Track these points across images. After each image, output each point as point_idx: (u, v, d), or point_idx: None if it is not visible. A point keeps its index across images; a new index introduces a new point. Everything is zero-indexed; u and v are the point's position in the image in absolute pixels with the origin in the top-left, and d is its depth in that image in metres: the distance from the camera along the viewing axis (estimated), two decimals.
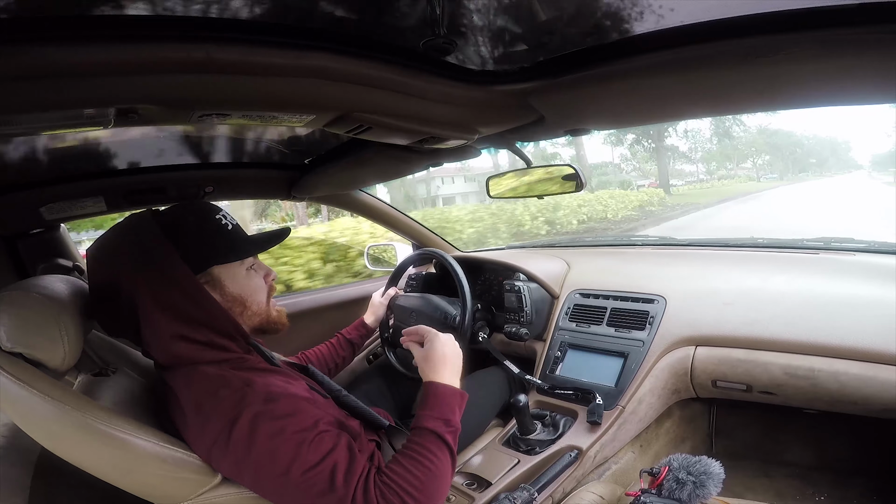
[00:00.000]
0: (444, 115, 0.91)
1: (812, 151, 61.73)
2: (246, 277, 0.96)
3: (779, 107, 0.92)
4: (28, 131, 0.77)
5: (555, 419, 1.37)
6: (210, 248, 0.91)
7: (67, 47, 0.52)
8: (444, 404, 0.93)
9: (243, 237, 0.97)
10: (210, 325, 0.88)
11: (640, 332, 1.40)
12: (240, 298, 0.94)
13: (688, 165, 46.74)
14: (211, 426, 0.77)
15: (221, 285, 0.92)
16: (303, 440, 0.79)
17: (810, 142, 62.22)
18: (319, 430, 0.81)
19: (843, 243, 1.53)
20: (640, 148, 28.87)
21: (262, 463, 0.76)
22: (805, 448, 1.56)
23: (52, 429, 0.70)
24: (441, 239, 2.18)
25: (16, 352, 0.71)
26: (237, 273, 0.94)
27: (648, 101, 0.90)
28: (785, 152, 53.95)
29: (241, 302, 0.95)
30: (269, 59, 0.64)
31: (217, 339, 0.88)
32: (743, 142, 46.04)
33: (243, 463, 0.77)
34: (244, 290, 0.95)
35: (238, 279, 0.94)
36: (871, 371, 1.08)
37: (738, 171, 54.85)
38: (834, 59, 0.64)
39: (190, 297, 0.85)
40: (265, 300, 1.00)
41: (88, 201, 1.28)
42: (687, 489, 0.92)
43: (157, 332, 0.84)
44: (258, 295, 0.98)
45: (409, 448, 0.87)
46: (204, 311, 0.87)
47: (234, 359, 0.89)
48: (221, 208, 0.96)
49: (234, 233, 0.95)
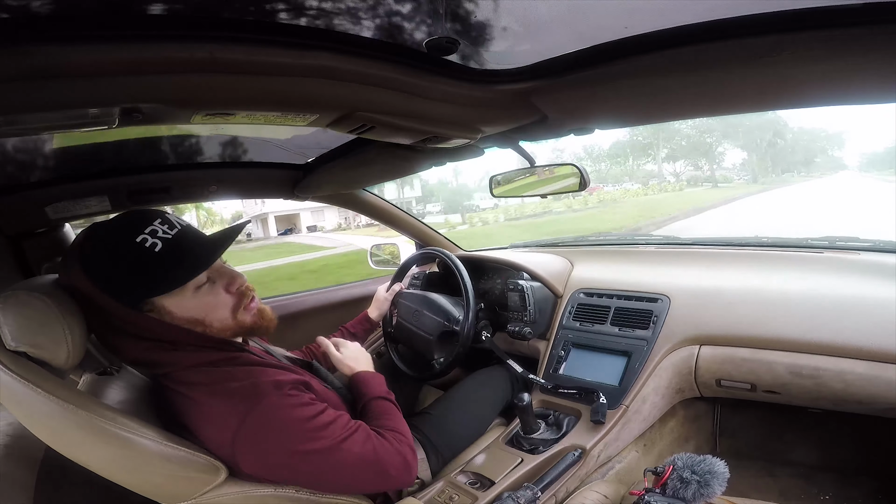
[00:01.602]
0: (446, 115, 0.91)
1: (798, 146, 47.18)
2: (195, 299, 0.85)
3: (782, 106, 0.92)
4: (33, 131, 0.77)
5: (558, 418, 1.37)
6: (137, 281, 0.79)
7: (71, 47, 0.52)
8: (375, 384, 1.11)
9: (179, 256, 0.81)
10: (177, 342, 0.84)
11: (644, 331, 1.40)
12: (195, 321, 0.86)
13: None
14: (227, 423, 0.78)
15: (168, 312, 0.83)
16: (315, 416, 0.83)
17: (795, 133, 47.39)
18: (322, 407, 0.87)
19: (849, 242, 1.52)
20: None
21: (288, 448, 0.79)
22: (810, 447, 1.55)
23: (57, 427, 0.71)
24: (445, 238, 2.18)
25: (20, 351, 0.72)
26: (182, 298, 0.84)
27: (651, 100, 0.90)
28: (761, 145, 41.85)
29: (199, 322, 0.86)
30: (273, 59, 0.64)
31: (196, 349, 0.86)
32: (696, 128, 36.01)
33: (271, 454, 0.79)
34: (197, 312, 0.86)
35: (185, 303, 0.84)
36: (876, 370, 1.08)
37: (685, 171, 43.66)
38: (838, 59, 0.64)
39: (139, 328, 0.81)
40: (230, 314, 0.90)
41: (93, 201, 1.28)
42: (691, 488, 0.92)
43: (128, 355, 0.85)
44: (218, 312, 0.88)
45: (382, 414, 1.02)
46: (159, 336, 0.83)
47: (230, 358, 0.89)
48: (153, 218, 0.82)
49: (165, 254, 0.80)
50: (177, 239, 0.82)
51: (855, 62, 0.64)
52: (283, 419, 0.80)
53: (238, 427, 0.77)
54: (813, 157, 48.23)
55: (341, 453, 0.84)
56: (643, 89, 0.83)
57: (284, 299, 2.03)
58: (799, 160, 47.16)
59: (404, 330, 1.63)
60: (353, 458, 0.85)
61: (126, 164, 1.32)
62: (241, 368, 0.86)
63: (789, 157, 46.45)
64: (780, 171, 45.99)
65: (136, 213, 0.84)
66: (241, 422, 0.77)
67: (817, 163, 48.67)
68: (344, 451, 0.84)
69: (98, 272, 0.78)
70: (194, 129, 1.17)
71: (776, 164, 46.04)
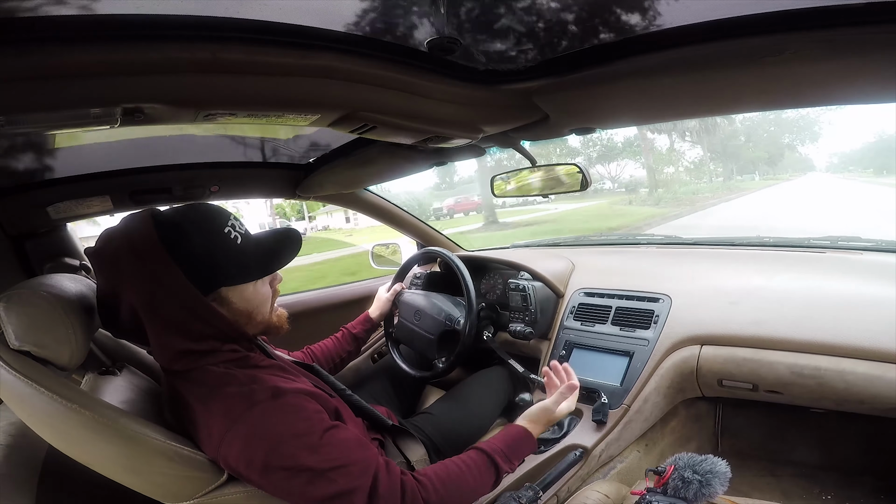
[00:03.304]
0: (448, 114, 0.91)
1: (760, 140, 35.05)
2: (254, 292, 0.92)
3: (784, 106, 0.92)
4: (35, 130, 0.78)
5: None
6: (219, 270, 0.86)
7: (74, 47, 0.52)
8: (516, 447, 0.99)
9: (253, 252, 0.90)
10: (216, 337, 0.86)
11: (646, 331, 1.40)
12: (246, 312, 0.91)
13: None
14: (218, 423, 0.77)
15: (229, 302, 0.89)
16: (311, 432, 0.79)
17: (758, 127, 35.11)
18: (327, 425, 0.82)
19: (850, 242, 1.52)
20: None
21: (270, 457, 0.77)
22: (811, 447, 1.55)
23: (60, 427, 0.71)
24: (446, 238, 2.18)
25: (24, 350, 0.72)
26: (245, 289, 0.91)
27: (653, 100, 0.90)
28: (713, 139, 29.44)
29: (247, 315, 0.92)
30: (275, 59, 0.64)
31: (222, 346, 0.88)
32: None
33: (252, 459, 0.77)
34: (251, 304, 0.92)
35: (246, 295, 0.91)
36: (878, 370, 1.07)
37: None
38: (840, 59, 0.64)
39: (199, 317, 0.83)
40: (269, 310, 0.97)
41: (95, 201, 1.28)
42: (693, 488, 0.92)
43: (164, 347, 0.83)
44: (264, 307, 0.95)
45: (460, 464, 0.93)
46: (211, 327, 0.85)
47: (238, 358, 0.89)
48: (229, 214, 0.89)
49: (243, 248, 0.88)
50: (247, 236, 0.90)
51: (856, 62, 0.64)
52: (274, 427, 0.78)
53: (227, 429, 0.77)
54: (779, 156, 36.92)
55: (324, 480, 0.77)
56: (645, 89, 0.83)
57: (285, 299, 2.03)
58: (761, 159, 35.62)
59: (405, 330, 1.63)
60: (338, 489, 0.78)
61: (127, 163, 1.32)
62: (245, 371, 0.86)
63: (749, 154, 34.87)
64: (739, 170, 35.21)
65: (213, 207, 0.90)
66: (231, 423, 0.77)
67: (783, 163, 37.99)
68: (328, 479, 0.77)
69: (185, 256, 0.81)
70: (196, 128, 1.17)
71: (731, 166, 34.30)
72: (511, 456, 0.98)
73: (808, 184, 28.43)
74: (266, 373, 0.88)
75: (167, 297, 0.80)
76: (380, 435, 1.15)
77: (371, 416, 1.12)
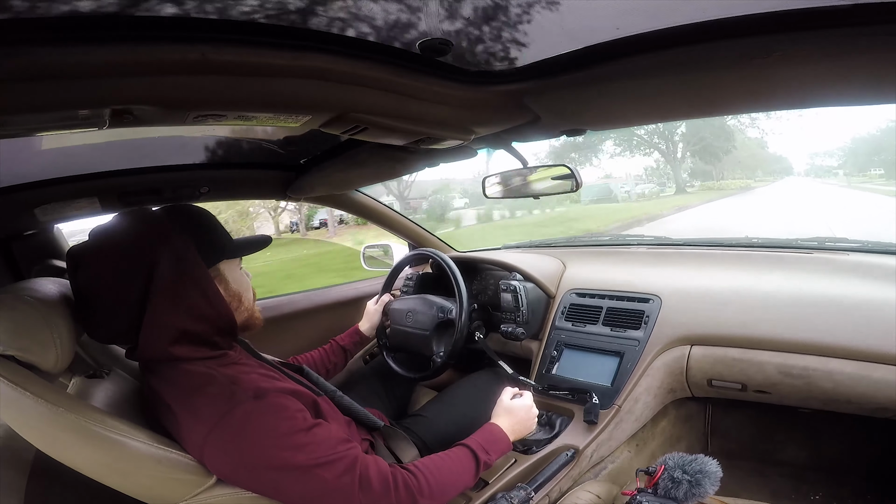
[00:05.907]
0: (439, 116, 0.91)
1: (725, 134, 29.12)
2: (241, 275, 1.00)
3: (775, 107, 0.93)
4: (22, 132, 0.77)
5: (551, 418, 1.37)
6: (220, 243, 0.95)
7: (61, 48, 0.51)
8: (493, 442, 1.04)
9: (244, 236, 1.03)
10: (213, 320, 0.88)
11: (636, 331, 1.40)
12: (237, 294, 0.97)
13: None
14: (200, 425, 0.77)
15: (225, 281, 0.95)
16: (295, 431, 0.79)
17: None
18: (311, 423, 0.83)
19: (838, 243, 1.54)
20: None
21: (256, 458, 0.77)
22: (800, 447, 1.56)
23: (47, 431, 0.70)
24: (437, 239, 2.18)
25: (8, 355, 0.71)
26: (235, 269, 0.98)
27: (644, 101, 0.90)
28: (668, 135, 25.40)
29: (238, 297, 0.98)
30: (265, 60, 0.64)
31: (212, 335, 0.89)
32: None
33: (237, 461, 0.77)
34: (241, 286, 0.99)
35: (236, 275, 0.98)
36: (864, 370, 1.09)
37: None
38: (829, 60, 0.64)
39: (203, 291, 0.87)
40: (252, 297, 1.03)
41: (83, 202, 1.27)
42: (683, 488, 0.93)
43: (163, 329, 0.83)
44: (249, 292, 1.02)
45: (445, 457, 0.98)
46: (212, 306, 0.88)
47: (218, 356, 0.90)
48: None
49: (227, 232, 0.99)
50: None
51: (845, 64, 0.65)
52: (258, 428, 0.77)
53: (209, 431, 0.76)
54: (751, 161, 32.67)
55: (313, 477, 0.78)
56: (635, 90, 0.83)
57: (275, 300, 2.01)
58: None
59: (399, 335, 1.63)
60: (327, 484, 0.79)
61: (116, 165, 1.31)
62: (225, 371, 0.85)
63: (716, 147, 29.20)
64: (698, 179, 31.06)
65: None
66: (214, 425, 0.76)
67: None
68: (317, 475, 0.78)
69: (195, 228, 0.91)
70: (185, 130, 1.16)
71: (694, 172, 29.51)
72: (488, 448, 1.02)
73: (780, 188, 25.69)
74: (246, 372, 0.88)
75: (177, 269, 0.84)
76: (370, 436, 1.14)
77: (361, 417, 1.12)
